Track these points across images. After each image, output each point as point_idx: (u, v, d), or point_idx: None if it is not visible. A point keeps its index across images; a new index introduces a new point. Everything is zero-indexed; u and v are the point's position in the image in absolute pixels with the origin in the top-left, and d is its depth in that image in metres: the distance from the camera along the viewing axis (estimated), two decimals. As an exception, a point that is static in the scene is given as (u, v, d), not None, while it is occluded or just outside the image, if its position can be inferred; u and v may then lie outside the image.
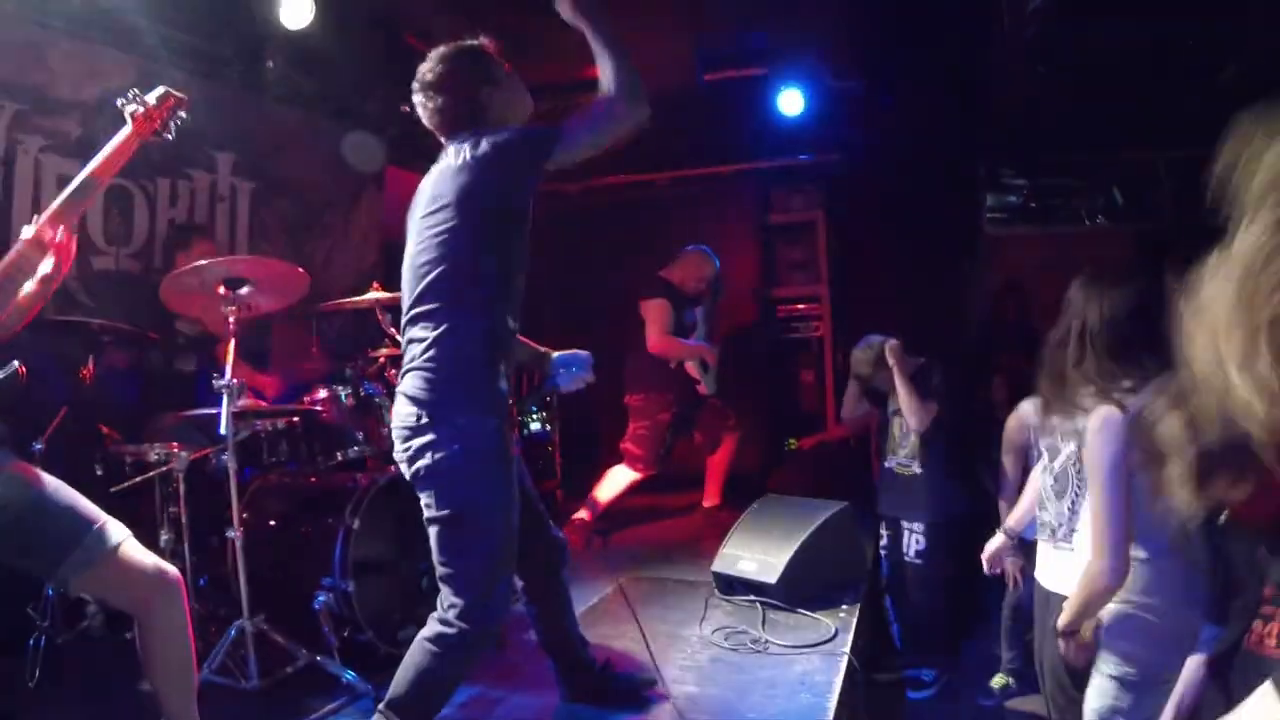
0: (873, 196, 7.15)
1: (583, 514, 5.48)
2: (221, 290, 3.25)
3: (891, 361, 4.14)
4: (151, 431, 3.79)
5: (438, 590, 2.51)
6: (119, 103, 2.58)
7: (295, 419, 3.83)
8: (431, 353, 2.47)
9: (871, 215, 7.25)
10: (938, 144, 6.75)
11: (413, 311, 2.55)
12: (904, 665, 4.33)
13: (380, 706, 2.50)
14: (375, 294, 3.92)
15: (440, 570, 2.48)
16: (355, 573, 3.34)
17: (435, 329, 2.48)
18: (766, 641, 3.52)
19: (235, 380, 3.14)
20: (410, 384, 2.50)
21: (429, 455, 2.44)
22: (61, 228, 2.40)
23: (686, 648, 3.53)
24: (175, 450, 3.43)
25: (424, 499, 2.49)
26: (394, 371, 3.92)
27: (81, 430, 3.52)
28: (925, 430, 4.10)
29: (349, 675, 3.18)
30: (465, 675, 2.60)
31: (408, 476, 2.53)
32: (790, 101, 6.84)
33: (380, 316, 3.88)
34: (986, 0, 5.16)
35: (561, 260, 6.66)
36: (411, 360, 2.53)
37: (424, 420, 2.45)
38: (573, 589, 3.08)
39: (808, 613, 3.74)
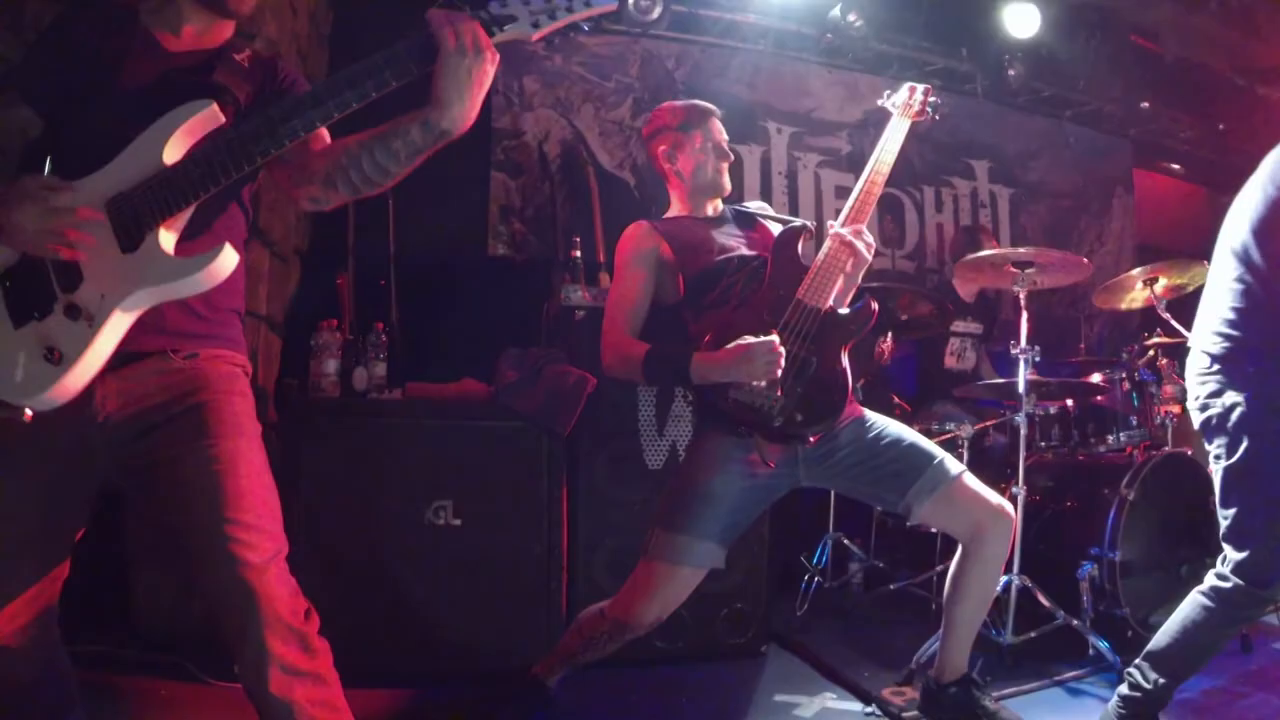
0: None
1: None
2: (1011, 269, 3.52)
3: None
4: (924, 413, 4.19)
5: (1196, 580, 2.46)
6: (878, 103, 2.87)
7: (1070, 402, 3.92)
8: (1230, 307, 2.44)
9: None
10: None
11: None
12: None
13: (1139, 659, 2.51)
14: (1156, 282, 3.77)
15: (1222, 523, 2.41)
16: (1124, 544, 3.36)
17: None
18: None
19: (1032, 348, 3.40)
20: (1204, 335, 2.50)
21: (1217, 402, 2.42)
22: (859, 227, 2.66)
23: None
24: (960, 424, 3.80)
25: (1212, 448, 2.46)
26: (1166, 361, 3.84)
27: (876, 399, 4.00)
28: None
29: (1102, 644, 3.20)
30: (1229, 638, 2.54)
31: (1196, 425, 2.52)
32: None
33: (1158, 308, 3.75)
34: None
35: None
36: (1208, 314, 2.52)
37: (1214, 368, 2.44)
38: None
39: None
